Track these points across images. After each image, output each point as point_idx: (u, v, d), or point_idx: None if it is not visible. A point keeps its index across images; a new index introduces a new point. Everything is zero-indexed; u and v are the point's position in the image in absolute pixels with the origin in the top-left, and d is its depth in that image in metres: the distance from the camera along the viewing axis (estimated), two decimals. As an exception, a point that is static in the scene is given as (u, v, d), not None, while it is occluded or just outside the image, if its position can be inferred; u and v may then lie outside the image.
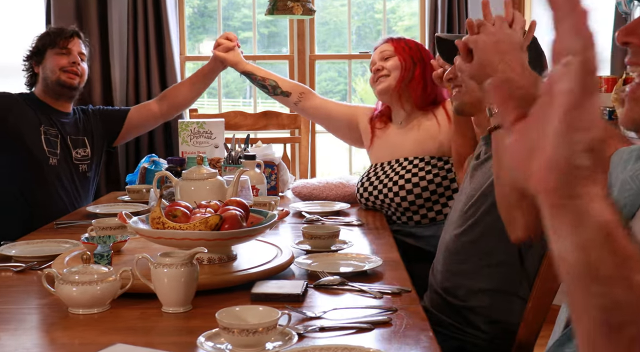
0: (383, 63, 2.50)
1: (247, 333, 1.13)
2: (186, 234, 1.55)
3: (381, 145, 2.57)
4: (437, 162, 2.39)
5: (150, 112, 2.94)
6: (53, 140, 2.67)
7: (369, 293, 1.50)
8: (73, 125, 2.78)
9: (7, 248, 1.88)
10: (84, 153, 2.76)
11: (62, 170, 2.69)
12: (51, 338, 1.34)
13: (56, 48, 2.71)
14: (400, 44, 2.53)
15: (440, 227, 2.35)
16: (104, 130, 2.88)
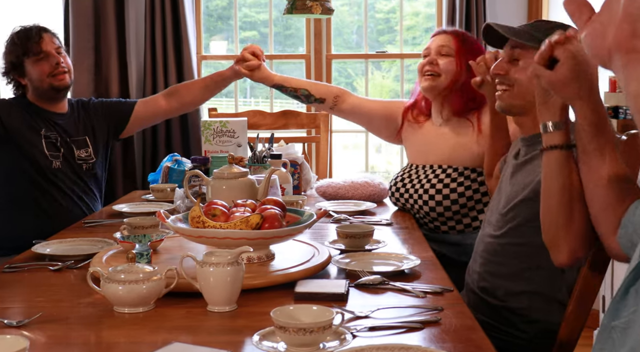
0: (437, 57, 2.37)
1: (304, 332, 1.13)
2: (228, 234, 1.55)
3: (417, 141, 2.50)
4: (471, 174, 2.32)
5: (157, 107, 2.85)
6: (54, 144, 2.63)
7: (411, 292, 1.50)
8: (72, 125, 2.71)
9: (41, 247, 1.88)
10: (86, 153, 2.70)
11: (67, 172, 2.64)
12: (97, 337, 1.34)
13: (31, 56, 2.58)
14: (464, 45, 2.38)
15: (468, 236, 2.33)
16: (108, 124, 2.80)
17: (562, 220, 1.43)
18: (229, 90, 4.46)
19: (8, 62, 2.63)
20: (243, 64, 2.68)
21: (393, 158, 8.78)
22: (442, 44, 2.39)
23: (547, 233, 1.48)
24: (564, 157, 1.44)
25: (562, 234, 1.43)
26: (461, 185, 2.31)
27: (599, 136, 1.35)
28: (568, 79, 1.35)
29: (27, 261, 1.80)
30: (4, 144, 2.53)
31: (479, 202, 2.32)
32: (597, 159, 1.36)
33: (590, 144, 1.36)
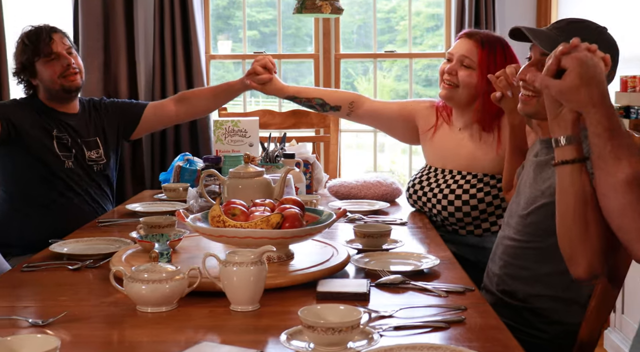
0: (458, 68, 2.30)
1: (333, 332, 1.12)
2: (249, 233, 1.55)
3: (436, 145, 2.46)
4: (490, 180, 2.30)
5: (166, 112, 2.83)
6: (65, 144, 2.62)
7: (433, 292, 1.50)
8: (84, 126, 2.70)
9: (58, 246, 1.88)
10: (97, 154, 2.70)
11: (79, 172, 2.64)
12: (121, 336, 1.33)
13: (42, 57, 2.57)
14: (488, 57, 2.27)
15: (487, 239, 2.31)
16: (118, 124, 2.79)
17: (578, 234, 1.42)
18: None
19: (19, 63, 2.62)
20: (254, 78, 2.63)
21: (397, 158, 8.79)
22: (466, 54, 2.29)
23: (564, 248, 1.46)
24: (577, 170, 1.42)
25: (579, 249, 1.42)
26: (480, 191, 2.28)
27: (613, 139, 1.34)
28: (577, 86, 1.34)
29: (45, 260, 1.80)
30: (16, 145, 2.53)
31: (498, 208, 2.29)
32: (614, 162, 1.34)
33: (606, 148, 1.35)
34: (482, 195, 2.28)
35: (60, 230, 2.31)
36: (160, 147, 3.80)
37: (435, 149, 2.47)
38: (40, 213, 2.58)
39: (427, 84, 6.72)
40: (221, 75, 4.37)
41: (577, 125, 1.43)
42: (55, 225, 2.52)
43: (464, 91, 2.31)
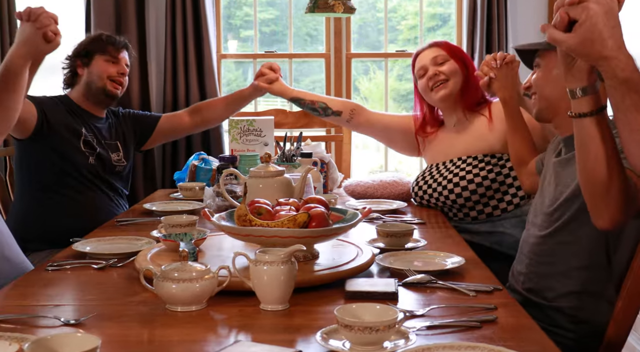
0: (438, 68, 2.48)
1: (370, 331, 1.12)
2: (276, 232, 1.54)
3: (435, 148, 2.59)
4: (491, 159, 2.40)
5: (180, 123, 2.94)
6: (91, 143, 2.67)
7: (462, 291, 1.50)
8: (107, 130, 2.79)
9: (81, 245, 1.88)
10: (117, 157, 2.77)
11: (99, 171, 2.69)
12: (152, 335, 1.33)
13: (106, 55, 2.71)
14: (451, 48, 2.53)
15: (497, 223, 2.37)
16: (134, 134, 2.90)
17: (599, 182, 1.39)
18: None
19: (82, 47, 2.74)
20: (262, 78, 2.79)
21: (403, 157, 8.79)
22: (433, 55, 2.51)
23: (587, 199, 1.45)
24: (595, 122, 1.38)
25: (601, 200, 1.40)
26: (482, 170, 2.38)
27: (632, 93, 1.25)
28: (589, 39, 1.23)
29: (68, 259, 1.80)
30: (43, 139, 2.58)
31: (502, 184, 2.38)
32: (633, 114, 1.27)
33: (624, 102, 1.27)
34: (485, 173, 2.38)
35: (78, 227, 2.32)
36: (172, 146, 3.79)
37: (434, 151, 2.60)
38: (60, 207, 2.61)
39: None
40: (230, 76, 4.36)
41: (593, 75, 1.38)
42: (74, 219, 2.57)
43: (456, 79, 2.49)
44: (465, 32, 3.74)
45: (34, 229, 2.58)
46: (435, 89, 2.48)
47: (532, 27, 3.70)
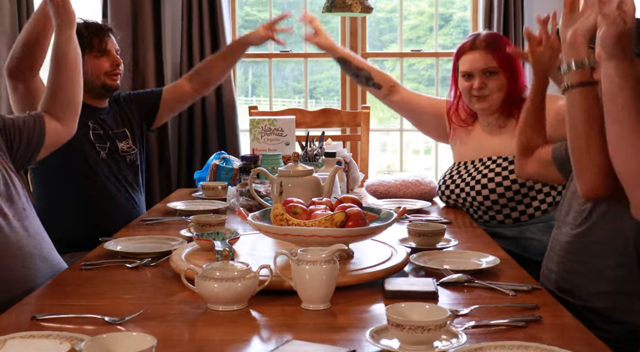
0: (486, 81, 2.39)
1: (422, 330, 1.12)
2: (315, 231, 1.54)
3: (465, 145, 2.55)
4: None
5: (182, 91, 2.85)
6: (100, 136, 2.65)
7: (500, 291, 1.50)
8: (112, 119, 2.73)
9: (112, 244, 1.88)
10: (127, 145, 2.73)
11: (113, 163, 2.67)
12: (194, 334, 1.33)
13: (94, 51, 2.60)
14: (503, 57, 2.37)
15: (524, 228, 2.35)
16: (141, 114, 2.82)
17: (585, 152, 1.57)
18: (265, 89, 4.45)
19: None
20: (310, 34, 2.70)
21: (410, 157, 8.80)
22: (484, 66, 2.39)
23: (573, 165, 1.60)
24: (584, 93, 1.55)
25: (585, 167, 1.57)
26: (512, 172, 2.34)
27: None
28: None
29: (100, 259, 1.80)
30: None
31: (531, 189, 2.35)
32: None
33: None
34: (514, 176, 2.33)
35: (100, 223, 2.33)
36: (188, 146, 3.79)
37: (465, 145, 2.55)
38: (79, 207, 2.59)
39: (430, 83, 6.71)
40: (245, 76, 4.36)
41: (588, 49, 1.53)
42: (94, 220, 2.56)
43: (498, 95, 2.41)
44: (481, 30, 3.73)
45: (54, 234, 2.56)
46: (477, 99, 2.42)
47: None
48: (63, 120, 2.15)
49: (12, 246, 1.73)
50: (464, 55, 2.44)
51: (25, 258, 1.73)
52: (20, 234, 1.78)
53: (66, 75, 2.10)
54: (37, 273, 1.75)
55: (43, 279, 1.75)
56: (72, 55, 2.10)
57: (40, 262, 1.77)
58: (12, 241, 1.74)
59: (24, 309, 1.42)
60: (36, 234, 1.83)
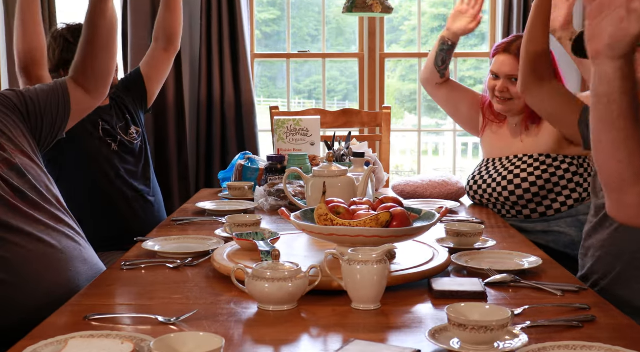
0: (509, 86, 2.45)
1: (485, 330, 1.12)
2: (361, 231, 1.54)
3: (495, 140, 2.60)
4: (546, 159, 2.40)
5: (155, 57, 2.86)
6: (109, 131, 2.66)
7: (549, 291, 1.49)
8: (115, 114, 2.73)
9: (150, 244, 1.87)
10: (135, 133, 2.75)
11: (124, 154, 2.69)
12: (245, 333, 1.32)
13: None
14: None
15: (552, 222, 2.37)
16: (134, 99, 2.82)
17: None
18: (282, 91, 4.44)
19: (61, 60, 2.60)
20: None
21: (418, 157, 8.81)
22: (510, 72, 2.44)
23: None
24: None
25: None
26: (537, 169, 2.39)
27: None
28: None
29: (139, 258, 1.79)
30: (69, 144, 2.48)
31: (557, 185, 2.39)
32: None
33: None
34: (539, 173, 2.39)
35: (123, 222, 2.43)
36: (206, 147, 3.79)
37: (493, 142, 2.61)
38: (96, 206, 2.59)
39: None
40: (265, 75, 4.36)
41: None
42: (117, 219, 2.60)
43: (519, 102, 2.46)
44: (500, 36, 3.73)
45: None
46: (497, 100, 2.49)
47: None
48: (91, 90, 2.09)
49: (57, 249, 1.72)
50: (497, 54, 2.50)
51: (68, 261, 1.73)
52: (63, 236, 1.77)
53: (100, 46, 2.02)
54: (79, 275, 1.74)
55: (85, 281, 1.75)
56: (108, 22, 2.01)
57: (81, 264, 1.77)
58: (57, 244, 1.74)
59: (73, 309, 1.42)
60: (75, 235, 1.83)
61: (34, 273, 1.65)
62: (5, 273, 1.63)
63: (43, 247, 1.70)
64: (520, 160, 2.44)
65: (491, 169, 2.51)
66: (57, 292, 1.66)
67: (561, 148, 2.39)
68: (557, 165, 2.39)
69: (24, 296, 1.63)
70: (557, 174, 2.39)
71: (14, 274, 1.63)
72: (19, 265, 1.64)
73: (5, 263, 1.63)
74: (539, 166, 2.40)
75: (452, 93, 2.72)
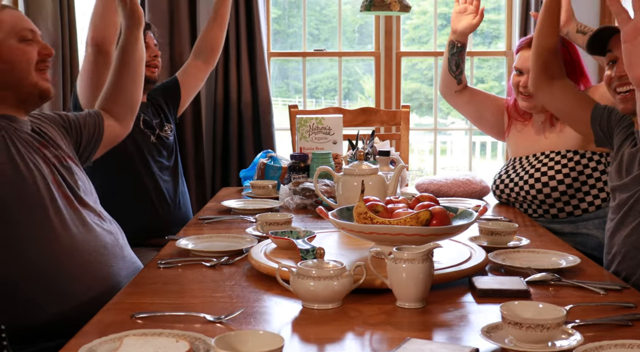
0: None
1: (542, 329, 1.12)
2: (402, 230, 1.54)
3: (520, 139, 2.59)
4: (574, 156, 2.39)
5: (193, 72, 2.93)
6: (148, 122, 2.69)
7: (591, 289, 1.49)
8: (151, 111, 2.78)
9: (183, 242, 1.87)
10: (168, 130, 2.80)
11: (161, 147, 2.73)
12: (287, 332, 1.32)
13: None
14: None
15: (580, 224, 2.37)
16: (167, 104, 2.87)
17: None
18: (298, 88, 4.43)
19: None
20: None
21: (425, 156, 8.82)
22: None
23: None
24: None
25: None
26: (565, 166, 2.39)
27: None
28: None
29: (173, 257, 1.79)
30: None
31: (584, 184, 2.38)
32: None
33: None
34: (567, 170, 2.38)
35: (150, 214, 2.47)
36: (223, 146, 3.79)
37: (518, 140, 2.60)
38: (134, 204, 2.60)
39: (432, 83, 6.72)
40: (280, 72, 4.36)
41: None
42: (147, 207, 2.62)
43: None
44: (517, 33, 3.72)
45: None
46: (522, 97, 2.49)
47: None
48: (121, 119, 2.16)
49: (99, 245, 1.73)
50: (521, 50, 2.50)
51: (109, 257, 1.74)
52: (104, 232, 1.78)
53: (130, 75, 2.11)
54: (120, 271, 1.75)
55: (124, 277, 1.75)
56: (138, 55, 2.12)
57: (121, 260, 1.77)
58: (99, 240, 1.74)
59: (118, 307, 1.42)
60: (116, 232, 1.83)
61: (78, 267, 1.66)
62: (51, 265, 1.63)
63: (88, 241, 1.71)
64: (547, 157, 2.44)
65: (518, 167, 2.50)
66: (98, 289, 1.66)
67: (588, 143, 2.36)
68: (585, 162, 2.38)
69: (66, 290, 1.64)
70: (584, 172, 2.38)
71: (59, 267, 1.64)
72: (65, 258, 1.65)
73: (52, 256, 1.64)
74: (566, 163, 2.39)
75: (473, 99, 2.70)
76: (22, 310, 1.61)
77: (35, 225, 1.65)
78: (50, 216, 1.68)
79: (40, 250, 1.64)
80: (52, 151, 1.83)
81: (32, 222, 1.65)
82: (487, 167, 7.12)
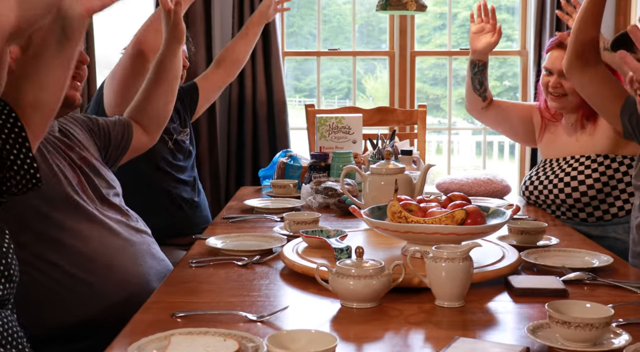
0: (563, 81, 2.42)
1: (591, 328, 1.12)
2: (437, 229, 1.54)
3: (551, 141, 2.58)
4: (604, 160, 2.38)
5: (212, 81, 2.93)
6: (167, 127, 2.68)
7: (627, 288, 1.49)
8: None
9: (213, 241, 1.87)
10: (185, 134, 2.80)
11: (178, 152, 2.72)
12: (328, 331, 1.31)
13: None
14: None
15: (609, 228, 2.35)
16: (184, 107, 2.87)
17: None
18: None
19: None
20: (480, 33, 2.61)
21: (431, 156, 8.81)
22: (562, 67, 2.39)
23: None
24: None
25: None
26: (595, 171, 2.37)
27: None
28: None
29: (203, 256, 1.79)
30: None
31: (615, 189, 2.37)
32: None
33: None
34: (597, 175, 2.37)
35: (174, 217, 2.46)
36: (237, 145, 3.79)
37: (551, 142, 2.58)
38: (151, 205, 2.59)
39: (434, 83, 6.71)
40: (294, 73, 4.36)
41: None
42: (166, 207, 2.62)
43: (573, 98, 2.43)
44: (533, 34, 3.72)
45: None
46: (552, 97, 2.47)
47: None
48: (148, 131, 2.16)
49: (128, 244, 1.73)
50: (551, 50, 2.48)
51: (138, 255, 1.74)
52: (131, 230, 1.78)
53: (163, 89, 2.11)
54: (150, 270, 1.75)
55: (154, 276, 1.75)
56: (175, 69, 2.11)
57: (150, 259, 1.77)
58: (128, 239, 1.74)
59: (157, 306, 1.41)
60: (144, 230, 1.84)
61: (107, 268, 1.66)
62: (80, 265, 1.63)
63: (116, 241, 1.72)
64: (577, 161, 2.41)
65: (548, 170, 2.49)
66: (129, 288, 1.66)
67: (618, 147, 2.36)
68: (616, 166, 2.36)
69: (98, 289, 1.63)
70: (615, 176, 2.36)
71: (89, 269, 1.64)
72: (94, 257, 1.65)
73: (80, 255, 1.64)
74: (596, 168, 2.37)
75: (501, 112, 2.69)
76: (51, 313, 1.60)
77: (62, 229, 1.64)
78: (76, 219, 1.67)
79: (68, 254, 1.63)
80: (77, 153, 1.82)
81: (58, 226, 1.64)
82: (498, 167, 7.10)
